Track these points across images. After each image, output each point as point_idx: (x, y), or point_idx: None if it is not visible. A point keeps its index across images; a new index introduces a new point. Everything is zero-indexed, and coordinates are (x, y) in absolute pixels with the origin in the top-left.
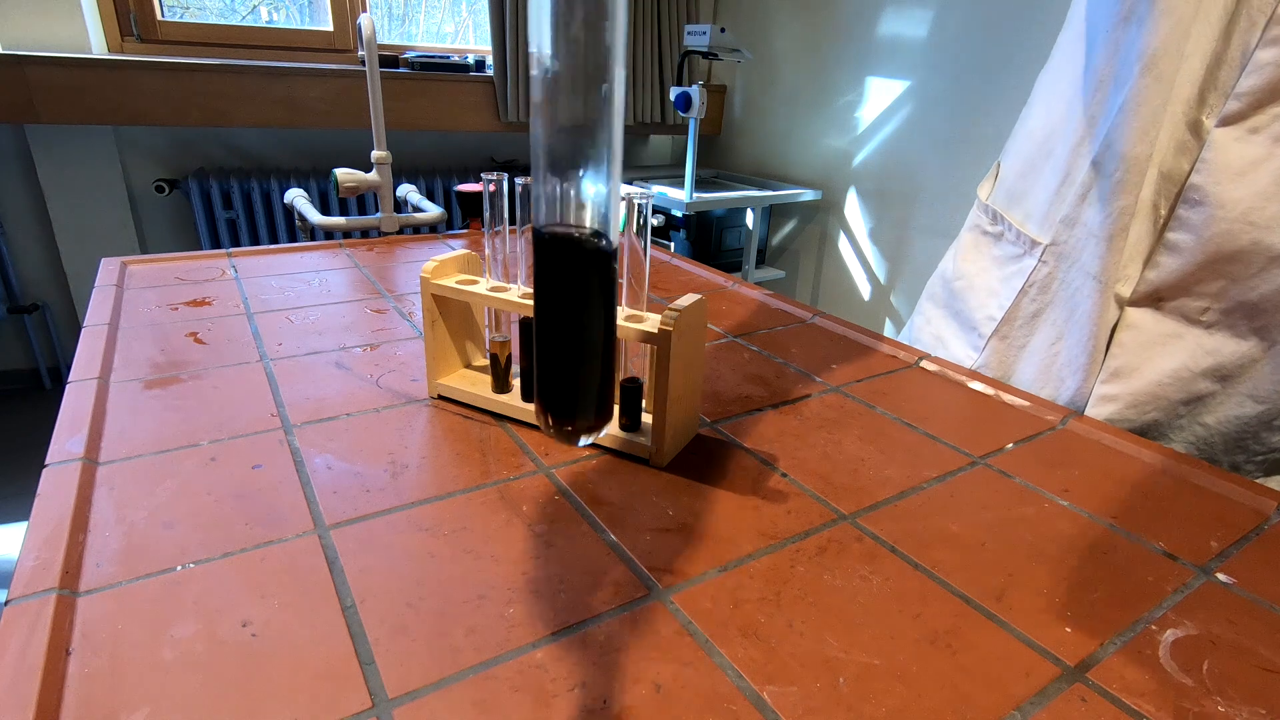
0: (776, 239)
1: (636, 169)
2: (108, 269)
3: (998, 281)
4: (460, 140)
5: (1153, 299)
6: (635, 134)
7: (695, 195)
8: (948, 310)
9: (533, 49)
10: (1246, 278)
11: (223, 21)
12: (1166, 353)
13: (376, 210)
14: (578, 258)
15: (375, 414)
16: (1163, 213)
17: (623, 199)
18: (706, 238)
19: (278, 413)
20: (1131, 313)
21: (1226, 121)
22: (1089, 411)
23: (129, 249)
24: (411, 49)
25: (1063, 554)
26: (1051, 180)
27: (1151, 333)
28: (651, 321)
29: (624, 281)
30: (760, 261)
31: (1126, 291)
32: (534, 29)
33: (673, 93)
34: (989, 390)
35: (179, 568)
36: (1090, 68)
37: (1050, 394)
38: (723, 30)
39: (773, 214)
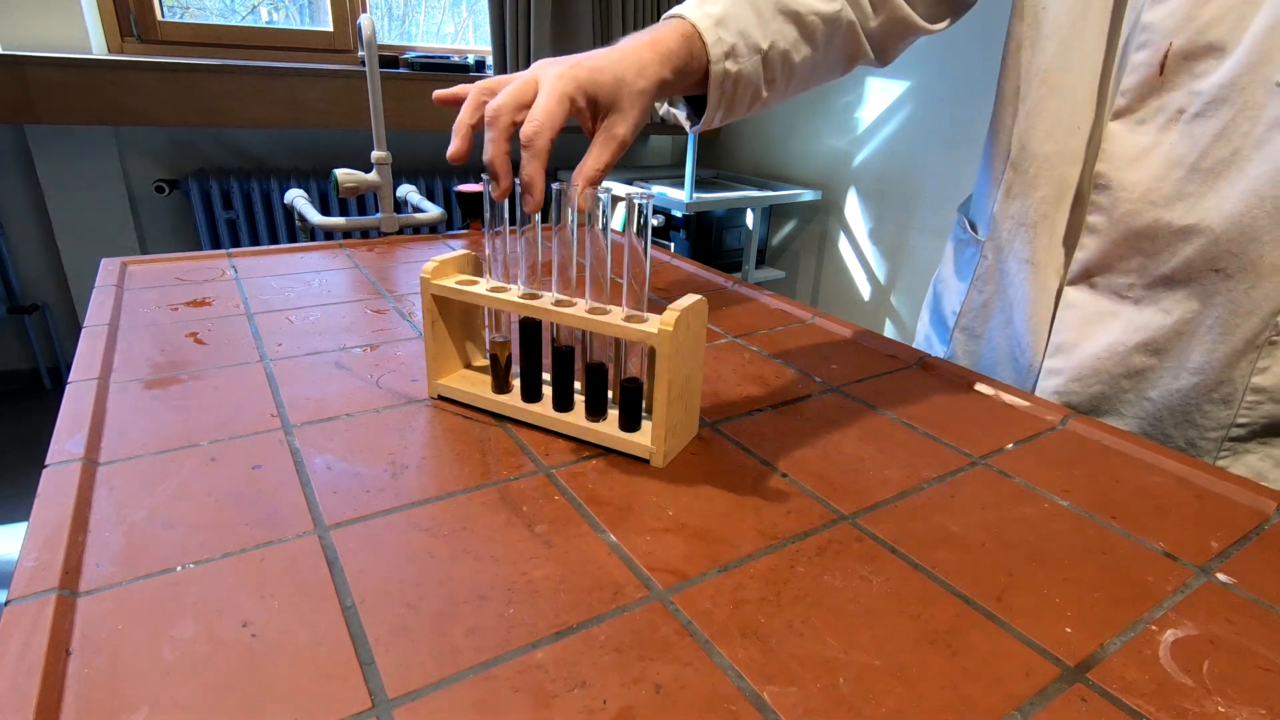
0: (776, 239)
1: (636, 169)
2: (108, 269)
3: (962, 280)
4: None
5: (1085, 277)
6: None
7: (695, 195)
8: (934, 313)
9: None
10: (1157, 252)
11: (223, 22)
12: (1102, 329)
13: (376, 210)
14: None
15: (375, 414)
16: (1087, 201)
17: (622, 199)
18: (706, 238)
19: (278, 413)
20: (1070, 292)
21: (1117, 115)
22: (1038, 386)
23: (129, 249)
24: (411, 49)
25: (1063, 554)
26: (985, 184)
27: (1088, 310)
28: (652, 321)
29: (624, 281)
30: (760, 261)
31: (1064, 272)
32: None
33: None
34: (989, 390)
35: (179, 568)
36: (1002, 88)
37: (1008, 375)
38: None
39: (773, 214)
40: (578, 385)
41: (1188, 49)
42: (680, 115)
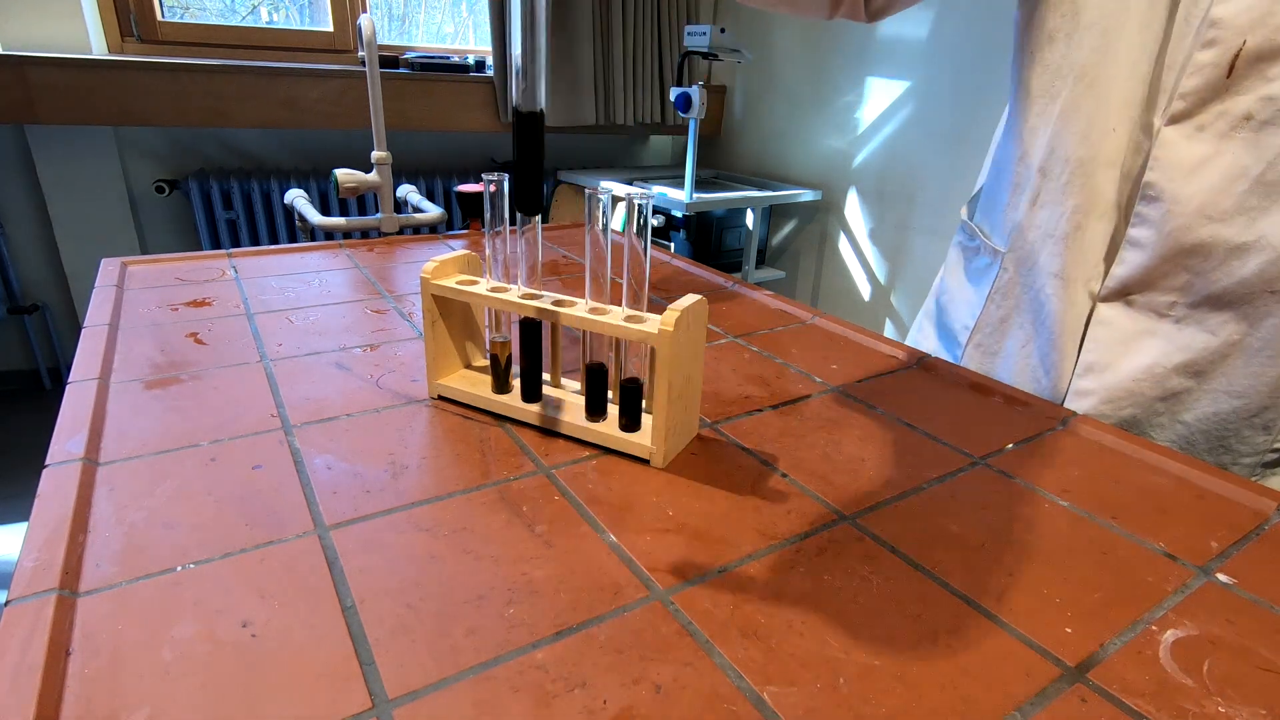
0: (776, 239)
1: (636, 169)
2: (108, 269)
3: (972, 292)
4: (460, 140)
5: (1122, 294)
6: (635, 134)
7: (695, 195)
8: (936, 324)
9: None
10: (1208, 270)
11: (223, 22)
12: (1140, 349)
13: (376, 210)
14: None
15: (375, 414)
16: (1125, 211)
17: (622, 199)
18: (706, 238)
19: (278, 413)
20: (1103, 309)
21: (1174, 120)
22: (1066, 407)
23: (129, 249)
24: (411, 49)
25: (1063, 554)
26: (1005, 192)
27: (1124, 329)
28: (651, 322)
29: (624, 282)
30: (760, 262)
31: (1096, 287)
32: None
33: (673, 93)
34: (989, 390)
35: (179, 568)
36: (1024, 84)
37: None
38: (723, 30)
39: (773, 214)
40: (578, 386)
41: (1263, 49)
42: None
